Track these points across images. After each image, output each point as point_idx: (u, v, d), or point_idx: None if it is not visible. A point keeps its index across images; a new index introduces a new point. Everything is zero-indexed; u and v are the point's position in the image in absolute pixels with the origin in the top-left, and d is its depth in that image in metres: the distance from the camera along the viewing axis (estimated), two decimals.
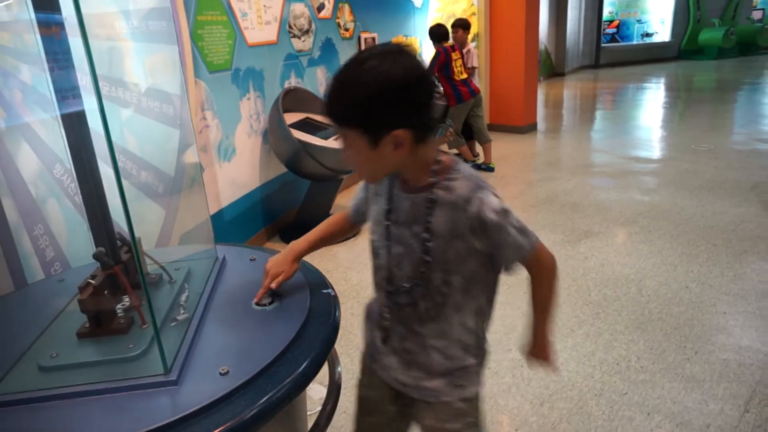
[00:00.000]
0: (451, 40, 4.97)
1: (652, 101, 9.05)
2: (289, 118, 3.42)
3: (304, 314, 1.10)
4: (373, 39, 4.89)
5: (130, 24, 1.53)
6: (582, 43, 13.25)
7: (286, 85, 3.87)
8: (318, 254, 1.27)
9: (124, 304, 1.08)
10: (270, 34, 3.66)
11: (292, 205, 3.99)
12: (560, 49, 12.33)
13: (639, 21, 14.68)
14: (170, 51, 1.50)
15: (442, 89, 5.09)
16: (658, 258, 3.11)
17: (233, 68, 3.29)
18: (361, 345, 1.24)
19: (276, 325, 1.07)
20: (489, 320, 1.11)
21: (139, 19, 1.53)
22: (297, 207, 3.93)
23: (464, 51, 5.06)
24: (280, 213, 3.94)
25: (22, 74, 1.60)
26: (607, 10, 14.11)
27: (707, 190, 4.22)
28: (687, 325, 2.42)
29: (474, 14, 6.39)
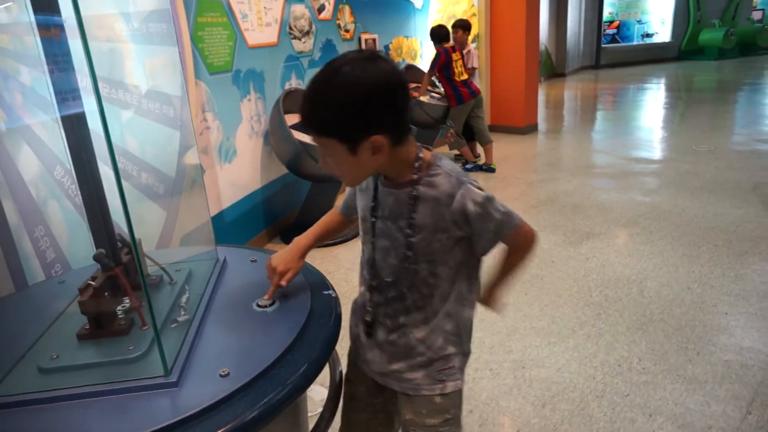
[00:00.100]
0: (451, 41, 4.97)
1: (652, 102, 9.05)
2: (290, 119, 3.42)
3: (305, 315, 1.10)
4: (374, 40, 4.89)
5: (129, 26, 1.53)
6: (582, 43, 13.26)
7: (287, 86, 3.87)
8: (319, 255, 1.28)
9: (125, 305, 1.08)
10: (270, 35, 3.66)
11: (293, 206, 3.99)
12: (561, 50, 12.34)
13: (639, 21, 14.69)
14: (170, 52, 1.50)
15: (442, 90, 5.09)
16: (660, 259, 3.10)
17: (234, 70, 3.29)
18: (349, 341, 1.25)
19: (277, 327, 1.06)
20: (469, 307, 1.13)
21: (139, 21, 1.53)
22: (298, 208, 3.92)
23: (464, 52, 5.06)
24: (281, 214, 3.94)
25: (23, 76, 1.60)
26: (607, 11, 14.12)
27: (708, 190, 4.22)
28: (688, 326, 2.41)
29: (474, 15, 6.39)
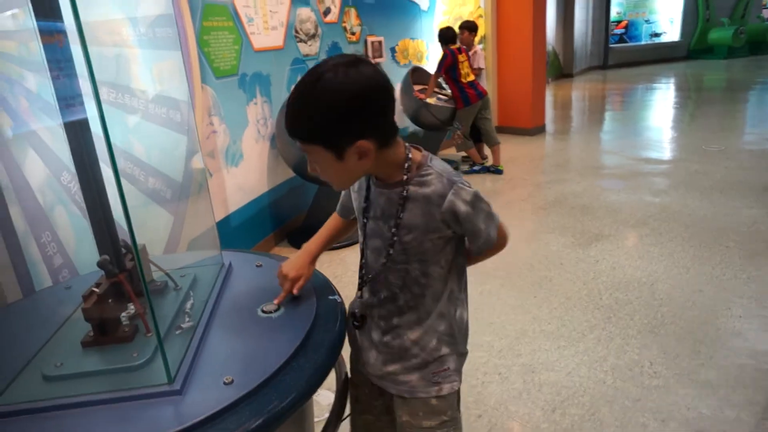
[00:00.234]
0: (458, 42, 4.96)
1: (661, 102, 8.98)
2: None
3: (310, 321, 1.08)
4: (380, 42, 4.89)
5: (133, 31, 1.53)
6: (590, 44, 13.19)
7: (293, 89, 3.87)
8: (327, 259, 1.28)
9: (129, 311, 1.07)
10: (276, 39, 3.66)
11: (299, 209, 3.99)
12: (568, 50, 12.28)
13: (647, 21, 14.59)
14: (174, 57, 1.50)
15: (449, 92, 5.08)
16: (670, 260, 3.06)
17: (240, 73, 3.30)
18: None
19: (281, 333, 1.05)
20: (462, 307, 1.13)
21: (143, 26, 1.53)
22: (305, 211, 3.92)
23: (470, 53, 5.05)
24: (287, 218, 3.94)
25: (28, 82, 1.60)
26: (614, 11, 14.04)
27: (719, 191, 4.17)
28: (701, 329, 2.37)
29: (481, 16, 6.38)
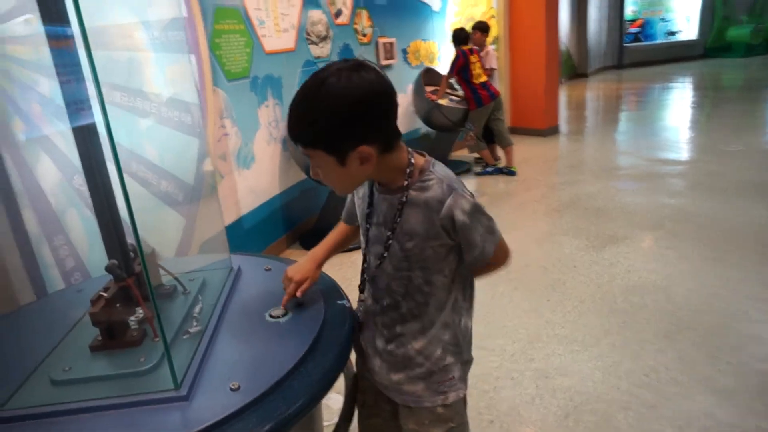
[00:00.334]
0: (470, 43, 4.93)
1: (678, 101, 8.84)
2: None
3: (318, 326, 1.08)
4: (391, 44, 4.88)
5: (143, 34, 1.54)
6: (604, 43, 13.04)
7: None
8: (338, 262, 1.28)
9: (138, 316, 1.07)
10: (288, 41, 3.67)
11: (311, 212, 3.99)
12: (582, 50, 12.16)
13: (663, 19, 14.39)
14: (184, 60, 1.50)
15: (462, 93, 5.05)
16: (686, 264, 3.01)
17: (251, 76, 3.31)
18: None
19: (289, 338, 1.05)
20: (467, 316, 1.12)
21: (152, 30, 1.54)
22: (317, 214, 3.92)
23: (482, 53, 5.02)
24: (299, 220, 3.94)
25: (41, 87, 1.62)
26: (630, 10, 13.87)
27: (736, 192, 4.08)
28: (718, 334, 2.32)
29: (493, 17, 6.33)
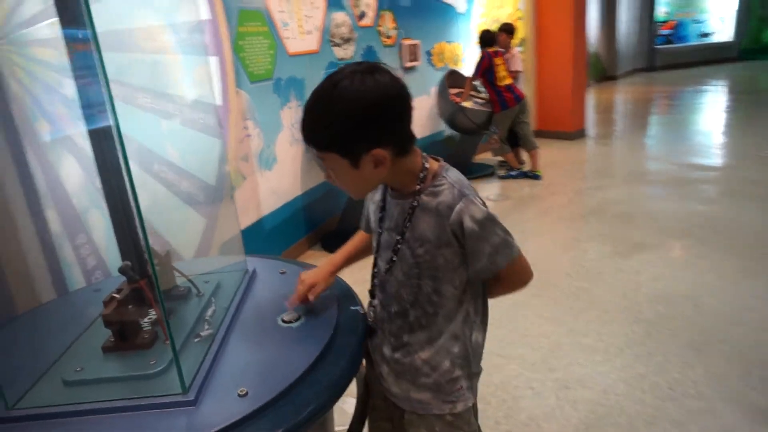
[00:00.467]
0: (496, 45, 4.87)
1: (711, 105, 8.57)
2: None
3: (330, 333, 1.06)
4: (415, 46, 4.85)
5: (167, 37, 1.56)
6: (634, 44, 12.75)
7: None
8: (360, 264, 1.27)
9: (150, 318, 1.07)
10: (311, 43, 3.68)
11: (332, 213, 4.00)
12: (611, 52, 11.92)
13: (696, 21, 14.00)
14: (205, 63, 1.51)
15: (486, 95, 4.99)
16: (717, 274, 2.90)
17: (274, 78, 3.33)
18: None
19: (300, 344, 1.03)
20: (478, 330, 1.09)
21: (176, 32, 1.55)
22: (338, 215, 3.92)
23: (508, 55, 4.95)
24: (321, 221, 3.95)
25: (66, 88, 1.65)
26: (662, 11, 13.53)
27: None
28: (751, 348, 2.22)
29: (520, 18, 6.25)
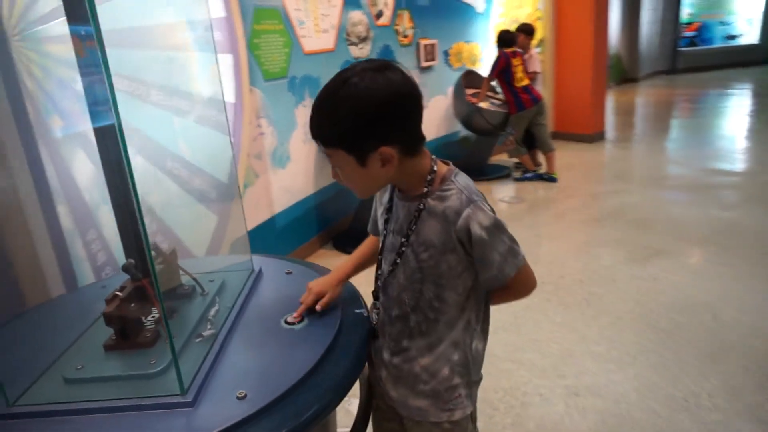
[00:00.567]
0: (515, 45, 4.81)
1: (735, 108, 8.38)
2: None
3: (332, 335, 1.05)
4: (433, 45, 4.82)
5: (179, 35, 1.55)
6: (657, 46, 12.52)
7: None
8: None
9: (154, 316, 1.07)
10: (327, 41, 3.68)
11: (345, 212, 3.99)
12: (633, 54, 11.72)
13: (723, 23, 13.69)
14: (213, 60, 1.51)
15: (503, 96, 4.94)
16: (738, 282, 2.82)
17: (289, 76, 3.32)
18: None
19: (302, 347, 1.02)
20: (479, 338, 1.07)
21: (189, 30, 1.55)
22: (351, 215, 3.91)
23: (526, 56, 4.89)
24: (333, 220, 3.94)
25: (79, 84, 1.65)
26: (686, 12, 13.26)
27: None
28: None
29: (539, 18, 6.18)
